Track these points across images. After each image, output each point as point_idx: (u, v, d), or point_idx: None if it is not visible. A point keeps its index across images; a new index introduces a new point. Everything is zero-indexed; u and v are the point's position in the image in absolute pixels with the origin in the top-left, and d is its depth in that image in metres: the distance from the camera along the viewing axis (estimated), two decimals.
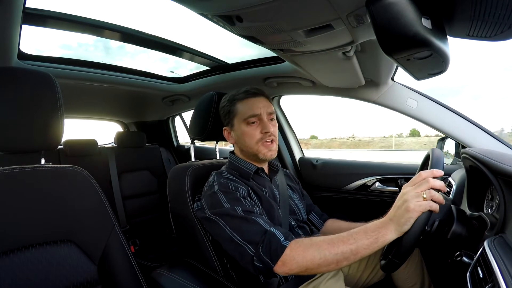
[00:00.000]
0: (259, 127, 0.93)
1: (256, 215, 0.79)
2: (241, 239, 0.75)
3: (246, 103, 0.94)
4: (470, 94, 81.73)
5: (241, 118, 0.94)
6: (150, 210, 2.10)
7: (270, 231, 0.73)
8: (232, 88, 1.02)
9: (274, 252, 0.70)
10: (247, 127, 0.93)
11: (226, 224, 0.79)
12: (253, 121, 0.93)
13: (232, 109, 0.96)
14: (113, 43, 1.41)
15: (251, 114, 0.92)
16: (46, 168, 0.75)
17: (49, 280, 0.66)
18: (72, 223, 0.73)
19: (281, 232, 0.74)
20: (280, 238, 0.71)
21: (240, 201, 0.82)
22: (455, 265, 0.66)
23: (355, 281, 1.01)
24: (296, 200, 1.06)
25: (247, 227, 0.75)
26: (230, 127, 0.99)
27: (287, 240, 0.71)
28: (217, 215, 0.81)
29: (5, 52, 1.09)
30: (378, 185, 1.50)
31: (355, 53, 0.96)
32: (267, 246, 0.71)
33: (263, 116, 0.93)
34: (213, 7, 0.67)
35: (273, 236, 0.72)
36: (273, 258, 0.69)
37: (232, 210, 0.79)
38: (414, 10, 0.54)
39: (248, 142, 0.94)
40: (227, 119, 0.99)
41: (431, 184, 0.61)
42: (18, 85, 0.68)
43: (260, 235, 0.74)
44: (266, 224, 0.76)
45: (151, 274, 0.84)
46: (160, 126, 2.47)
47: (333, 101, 52.82)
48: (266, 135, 0.92)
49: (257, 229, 0.75)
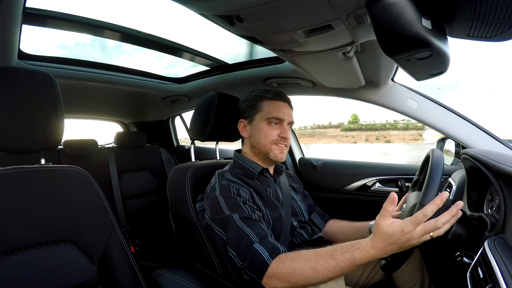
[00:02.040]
0: (278, 130, 0.96)
1: (252, 223, 0.80)
2: (233, 251, 0.77)
3: (274, 104, 0.97)
4: (468, 89, 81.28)
5: (265, 116, 0.96)
6: (150, 210, 2.10)
7: (254, 248, 0.74)
8: (232, 88, 1.02)
9: (258, 269, 0.72)
10: (268, 126, 0.96)
11: (223, 233, 0.81)
12: (275, 122, 0.96)
13: (258, 104, 0.98)
14: (109, 42, 1.40)
15: (276, 116, 0.95)
16: (46, 168, 0.75)
17: (49, 280, 0.66)
18: (72, 223, 0.73)
19: (267, 248, 0.74)
20: (264, 256, 0.72)
21: (239, 206, 0.83)
22: (455, 265, 0.66)
23: (355, 281, 1.01)
24: (298, 201, 1.07)
25: (239, 241, 0.77)
26: (249, 120, 1.00)
27: (271, 257, 0.72)
28: (214, 222, 0.83)
29: (5, 52, 1.09)
30: (378, 185, 1.50)
31: (355, 54, 0.96)
32: (251, 262, 0.73)
33: (285, 123, 0.97)
34: (213, 7, 0.67)
35: (257, 253, 0.73)
36: (258, 275, 0.71)
37: (230, 218, 0.80)
38: (414, 10, 0.54)
39: (263, 139, 0.96)
40: (248, 112, 1.00)
41: (438, 225, 0.57)
42: (18, 85, 0.68)
43: (247, 250, 0.75)
44: (256, 237, 0.76)
45: (151, 275, 0.83)
46: (160, 126, 2.47)
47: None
48: (282, 139, 0.95)
49: (246, 243, 0.76)
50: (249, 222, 0.80)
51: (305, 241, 0.96)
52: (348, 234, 1.04)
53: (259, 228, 0.80)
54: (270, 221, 0.89)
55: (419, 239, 0.58)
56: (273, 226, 0.89)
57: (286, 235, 0.91)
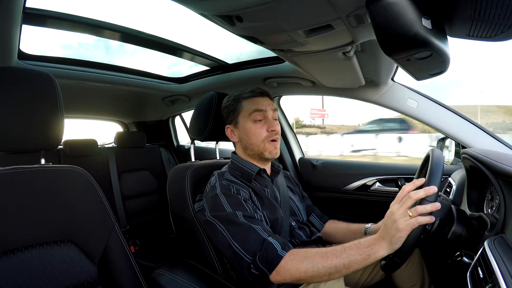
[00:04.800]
0: (265, 125, 0.94)
1: (256, 221, 0.80)
2: (239, 247, 0.76)
3: (252, 101, 0.96)
4: (473, 87, 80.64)
5: (247, 114, 0.95)
6: (150, 210, 2.10)
7: (267, 240, 0.74)
8: (232, 88, 1.02)
9: (271, 261, 0.71)
10: (253, 124, 0.94)
11: (226, 229, 0.79)
12: (259, 119, 0.94)
13: (237, 106, 0.97)
14: (113, 42, 1.41)
15: (256, 109, 0.94)
16: (46, 168, 0.75)
17: (49, 280, 0.66)
18: (72, 223, 0.73)
19: (279, 242, 0.75)
20: (277, 248, 0.73)
21: (242, 205, 0.82)
22: (455, 265, 0.66)
23: (355, 281, 1.01)
24: (296, 202, 1.06)
25: (246, 235, 0.76)
26: (234, 124, 0.99)
27: (284, 250, 0.73)
28: (217, 219, 0.82)
29: (5, 52, 1.09)
30: (378, 185, 1.50)
31: (355, 53, 0.96)
32: (264, 255, 0.72)
33: (268, 113, 0.95)
34: (213, 7, 0.67)
35: (271, 246, 0.73)
36: (269, 267, 0.71)
37: (233, 215, 0.79)
38: (414, 10, 0.54)
39: (254, 140, 0.94)
40: (231, 116, 0.99)
41: (414, 199, 0.62)
42: (18, 85, 0.68)
43: (258, 244, 0.75)
44: (265, 233, 0.77)
45: (151, 274, 0.84)
46: (160, 126, 2.47)
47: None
48: (272, 133, 0.94)
49: (256, 237, 0.76)
50: (253, 221, 0.79)
51: (304, 242, 0.96)
52: (345, 236, 1.05)
53: (264, 226, 0.80)
54: (269, 223, 0.88)
55: (401, 220, 0.62)
56: (272, 225, 0.89)
57: (285, 235, 0.91)
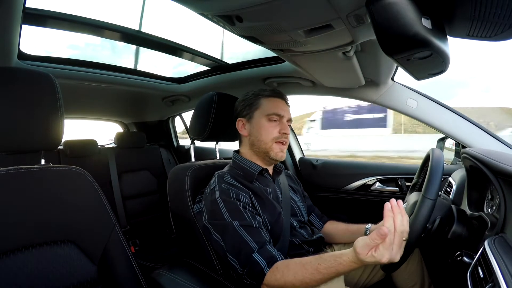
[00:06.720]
0: (279, 127, 0.96)
1: (252, 230, 0.81)
2: (233, 258, 0.79)
3: (273, 101, 0.98)
4: (479, 86, 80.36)
5: (264, 113, 0.96)
6: (150, 210, 2.10)
7: (253, 258, 0.77)
8: (232, 88, 1.02)
9: (256, 277, 0.76)
10: (267, 122, 0.96)
11: (222, 239, 0.82)
12: (275, 119, 0.96)
13: (256, 102, 0.98)
14: (119, 42, 1.41)
15: (275, 112, 0.96)
16: (46, 168, 0.75)
17: (49, 280, 0.66)
18: (72, 223, 0.73)
19: (265, 257, 0.77)
20: (262, 265, 0.75)
21: (240, 212, 0.83)
22: (455, 265, 0.66)
23: (355, 281, 1.01)
24: (298, 202, 1.06)
25: (239, 248, 0.79)
26: (247, 118, 1.00)
27: (268, 266, 0.76)
28: (214, 227, 0.85)
29: (5, 52, 1.09)
30: (378, 185, 1.50)
31: (355, 53, 0.96)
32: (251, 271, 0.76)
33: (284, 119, 0.97)
34: (213, 7, 0.67)
35: (255, 263, 0.76)
36: (257, 281, 0.76)
37: (230, 225, 0.81)
38: (414, 10, 0.54)
39: (263, 137, 0.95)
40: (246, 110, 1.00)
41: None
42: (18, 85, 0.68)
43: (247, 259, 0.77)
44: (256, 246, 0.79)
45: (151, 275, 0.83)
46: (160, 126, 2.47)
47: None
48: (283, 135, 0.96)
49: (246, 252, 0.78)
50: (248, 230, 0.81)
51: (305, 241, 0.96)
52: (344, 237, 1.05)
53: (259, 235, 0.81)
54: (268, 225, 0.89)
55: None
56: (273, 227, 0.89)
57: (286, 235, 0.91)
